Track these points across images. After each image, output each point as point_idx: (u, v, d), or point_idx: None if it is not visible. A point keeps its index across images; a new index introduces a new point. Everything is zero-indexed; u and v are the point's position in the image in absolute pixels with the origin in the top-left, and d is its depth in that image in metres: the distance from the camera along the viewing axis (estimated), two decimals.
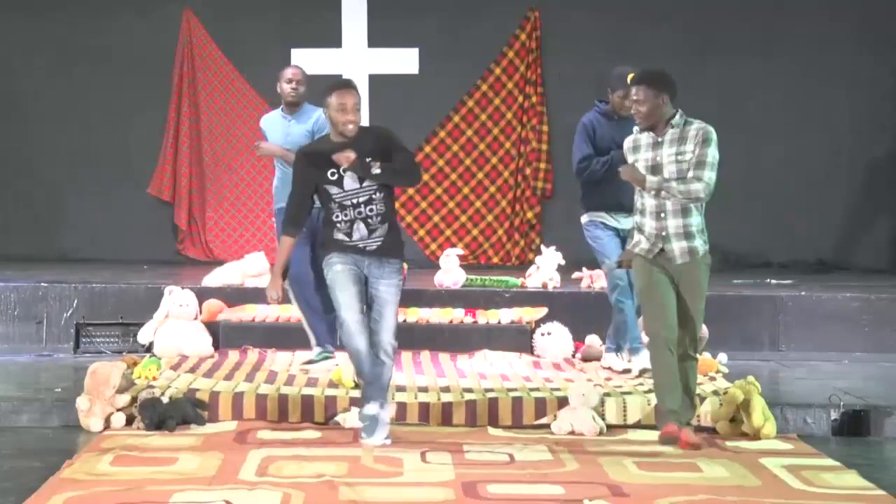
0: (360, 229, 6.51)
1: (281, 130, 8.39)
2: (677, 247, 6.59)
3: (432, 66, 12.34)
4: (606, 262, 8.05)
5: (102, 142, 12.45)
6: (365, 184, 6.48)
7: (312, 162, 6.56)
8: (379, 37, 12.38)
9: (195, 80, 12.54)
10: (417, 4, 12.37)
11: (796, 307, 9.35)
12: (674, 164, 6.57)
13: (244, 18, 12.54)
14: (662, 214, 6.61)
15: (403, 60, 12.38)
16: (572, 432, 6.88)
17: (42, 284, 9.39)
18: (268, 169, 12.59)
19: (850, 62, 12.33)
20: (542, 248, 10.02)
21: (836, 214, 12.38)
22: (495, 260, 12.54)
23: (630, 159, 6.71)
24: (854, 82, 12.38)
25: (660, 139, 6.61)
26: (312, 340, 8.31)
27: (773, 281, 10.61)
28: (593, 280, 9.60)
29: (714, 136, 6.56)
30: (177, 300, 8.89)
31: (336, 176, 6.48)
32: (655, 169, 6.59)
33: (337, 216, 6.51)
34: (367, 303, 6.56)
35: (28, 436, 6.86)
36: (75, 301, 9.27)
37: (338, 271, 6.51)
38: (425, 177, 12.54)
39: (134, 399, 7.04)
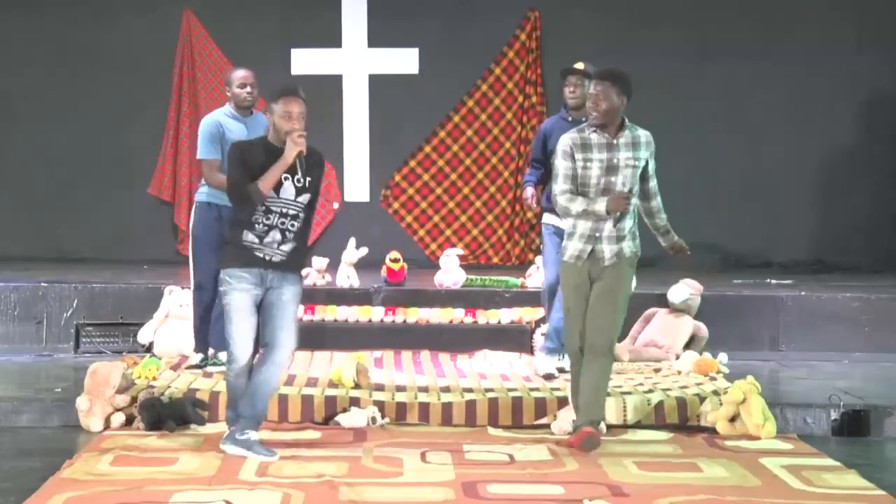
0: (274, 236, 6.37)
1: (242, 133, 7.94)
2: (608, 249, 6.57)
3: (432, 66, 12.33)
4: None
5: (102, 142, 12.44)
6: (300, 199, 6.38)
7: (253, 156, 6.38)
8: (379, 37, 12.38)
9: (195, 80, 12.53)
10: (417, 4, 12.36)
11: (796, 307, 9.35)
12: (630, 168, 6.56)
13: (244, 18, 12.53)
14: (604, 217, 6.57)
15: (403, 60, 12.38)
16: (572, 432, 6.87)
17: (42, 284, 9.39)
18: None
19: (850, 62, 12.32)
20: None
21: (836, 214, 12.37)
22: (495, 260, 12.54)
23: (578, 157, 6.56)
24: (854, 82, 12.38)
25: (615, 141, 6.56)
26: (196, 345, 8.11)
27: (773, 281, 10.61)
28: None
29: None
30: (177, 300, 8.89)
31: (285, 180, 6.35)
32: (611, 170, 6.54)
33: (257, 217, 6.35)
34: (263, 309, 6.39)
35: (28, 436, 6.86)
36: (75, 301, 9.26)
37: (236, 299, 6.34)
38: (425, 177, 12.56)
39: (134, 399, 7.04)
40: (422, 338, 8.97)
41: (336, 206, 12.39)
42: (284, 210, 6.38)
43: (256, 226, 6.37)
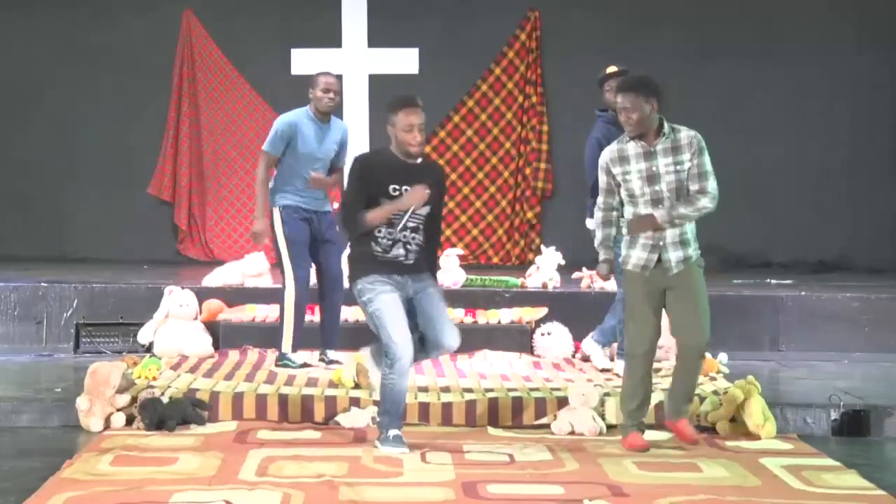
0: (398, 250, 6.43)
1: (317, 137, 8.16)
2: (674, 256, 6.49)
3: (432, 66, 12.33)
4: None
5: (102, 142, 12.45)
6: (420, 211, 6.42)
7: (373, 171, 6.42)
8: (379, 37, 12.38)
9: (195, 80, 12.54)
10: (417, 4, 12.37)
11: (796, 307, 9.35)
12: (672, 174, 6.42)
13: (244, 18, 12.54)
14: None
15: (403, 60, 12.37)
16: (572, 432, 6.88)
17: (42, 284, 9.39)
18: None
19: (850, 62, 12.33)
20: (542, 248, 10.03)
21: (836, 214, 12.38)
22: (495, 260, 12.54)
23: (616, 171, 6.49)
24: (854, 82, 12.39)
25: (652, 149, 6.44)
26: (290, 344, 8.21)
27: (773, 281, 10.61)
28: (593, 280, 9.59)
29: (704, 143, 6.50)
30: (177, 300, 8.89)
31: (397, 192, 6.37)
32: (652, 179, 6.42)
33: (381, 231, 6.39)
34: (418, 312, 6.47)
35: (28, 436, 6.86)
36: (75, 301, 9.26)
37: (385, 301, 6.34)
38: None
39: (134, 399, 7.04)
40: None
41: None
42: (406, 223, 6.40)
43: (381, 240, 6.41)
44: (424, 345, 6.48)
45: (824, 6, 12.38)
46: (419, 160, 6.50)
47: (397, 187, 6.39)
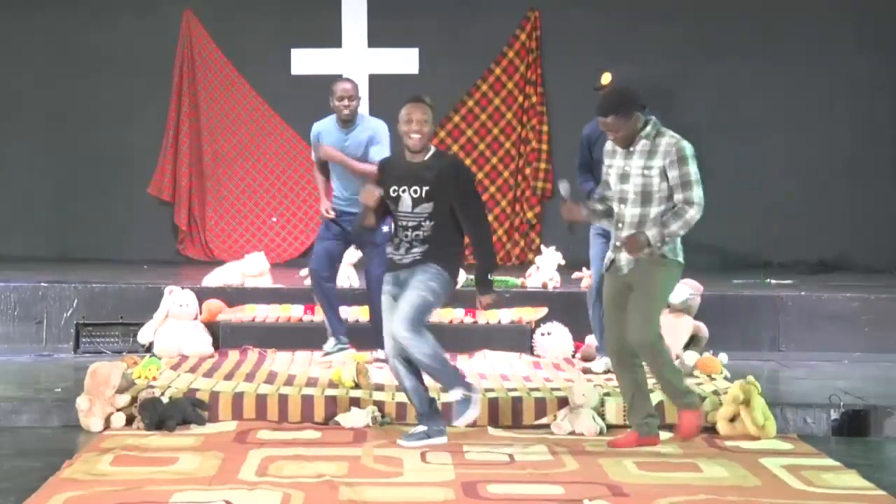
0: (401, 249, 6.58)
1: (338, 142, 8.40)
2: (624, 256, 6.52)
3: (432, 66, 12.33)
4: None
5: (102, 142, 12.44)
6: (417, 209, 6.52)
7: (382, 175, 6.70)
8: (379, 37, 12.38)
9: (195, 80, 12.54)
10: (417, 4, 12.37)
11: (796, 307, 9.35)
12: (640, 176, 6.45)
13: (244, 18, 12.54)
14: (620, 225, 6.54)
15: (403, 60, 12.38)
16: (572, 432, 6.88)
17: (42, 284, 9.39)
18: (268, 168, 12.62)
19: (850, 62, 12.33)
20: (542, 248, 10.02)
21: (836, 214, 12.38)
22: None
23: (606, 163, 6.62)
24: (854, 82, 12.38)
25: (631, 149, 6.51)
26: (329, 331, 8.51)
27: (773, 281, 10.61)
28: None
29: (690, 151, 6.48)
30: (177, 300, 8.89)
31: (395, 194, 6.55)
32: (623, 178, 6.50)
33: (395, 230, 6.66)
34: None
35: (28, 436, 6.86)
36: (75, 301, 9.26)
37: (383, 302, 6.65)
38: None
39: (134, 399, 7.04)
40: None
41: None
42: (405, 222, 6.56)
43: (394, 239, 6.65)
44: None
45: (824, 6, 12.37)
46: (427, 157, 6.57)
47: (396, 188, 6.54)
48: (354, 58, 12.40)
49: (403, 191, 6.53)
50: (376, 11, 12.38)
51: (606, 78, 8.12)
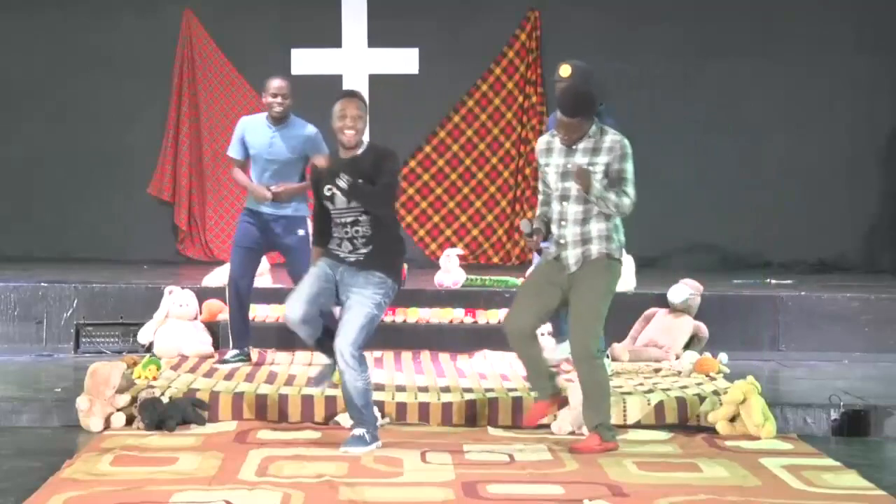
0: (345, 247, 6.50)
1: (265, 139, 8.28)
2: (572, 254, 6.53)
3: (432, 66, 12.33)
4: None
5: (102, 142, 12.45)
6: (352, 204, 6.44)
7: (316, 176, 6.62)
8: (379, 37, 12.38)
9: (195, 80, 12.54)
10: (417, 4, 12.37)
11: (796, 307, 9.35)
12: None
13: (244, 18, 12.54)
14: (563, 223, 6.54)
15: (403, 60, 12.38)
16: (572, 432, 6.88)
17: (42, 284, 9.39)
18: None
19: (850, 62, 12.33)
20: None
21: (836, 214, 12.38)
22: (495, 260, 12.55)
23: (542, 162, 6.60)
24: (854, 82, 12.38)
25: (574, 147, 6.51)
26: (233, 341, 8.36)
27: (773, 281, 10.61)
28: None
29: (630, 150, 6.52)
30: (177, 300, 8.89)
31: (330, 192, 6.47)
32: (565, 176, 6.50)
33: (334, 231, 6.54)
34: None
35: (28, 436, 6.86)
36: (75, 301, 9.26)
37: (314, 270, 6.56)
38: (425, 177, 12.57)
39: (134, 399, 7.04)
40: (422, 338, 8.97)
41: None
42: (343, 220, 6.47)
43: (333, 239, 6.55)
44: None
45: (824, 6, 12.37)
46: (360, 151, 6.49)
47: (330, 187, 6.45)
48: (354, 58, 12.41)
49: (330, 190, 6.45)
50: (376, 11, 12.38)
51: (566, 70, 8.07)
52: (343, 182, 6.35)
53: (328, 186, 6.47)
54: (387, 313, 9.13)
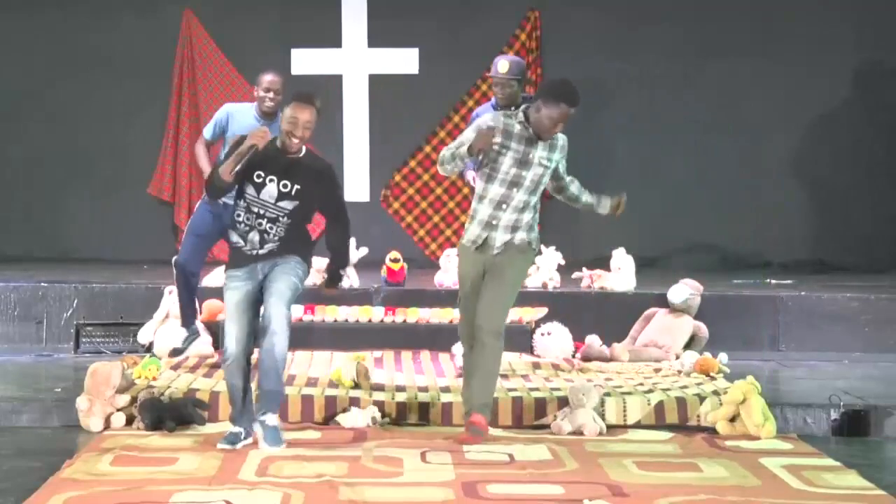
0: (253, 239, 6.43)
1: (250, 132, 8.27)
2: (500, 237, 6.63)
3: (432, 66, 12.33)
4: None
5: (102, 142, 12.44)
6: (281, 203, 6.40)
7: (249, 154, 6.37)
8: (379, 37, 12.38)
9: (195, 80, 12.53)
10: (417, 4, 12.36)
11: (796, 307, 9.35)
12: (540, 167, 6.63)
13: (244, 18, 12.53)
14: (504, 206, 6.62)
15: (403, 60, 12.38)
16: (572, 432, 6.88)
17: (42, 284, 9.39)
18: None
19: (850, 62, 12.33)
20: (542, 248, 10.02)
21: (836, 214, 12.38)
22: None
23: (501, 142, 6.56)
24: (854, 82, 12.38)
25: (541, 141, 6.62)
26: (180, 321, 8.48)
27: (773, 281, 10.62)
28: (593, 280, 9.61)
29: None
30: (177, 300, 8.87)
31: (260, 179, 6.40)
32: (523, 164, 6.58)
33: (240, 216, 6.43)
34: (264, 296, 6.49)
35: (28, 436, 6.86)
36: (75, 301, 9.26)
37: (229, 297, 6.45)
38: (425, 177, 12.56)
39: (134, 399, 7.04)
40: (422, 338, 8.98)
41: None
42: (262, 212, 6.41)
43: (239, 225, 6.46)
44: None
45: (824, 6, 12.36)
46: (301, 154, 6.48)
47: (263, 175, 6.38)
48: (354, 58, 12.41)
49: (271, 180, 6.38)
50: (376, 11, 12.37)
51: (504, 66, 8.22)
52: (342, 283, 6.64)
53: (259, 173, 6.37)
54: (386, 313, 9.20)
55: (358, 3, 12.42)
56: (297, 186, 6.42)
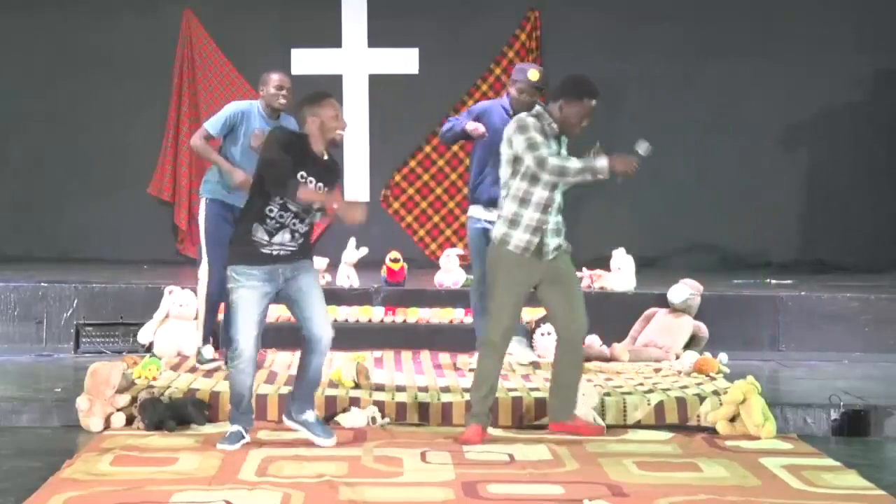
0: (283, 238, 6.41)
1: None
2: (552, 242, 6.62)
3: (432, 66, 12.34)
4: None
5: (102, 142, 12.45)
6: (317, 205, 6.38)
7: (290, 149, 6.30)
8: (379, 37, 12.39)
9: (195, 80, 12.54)
10: (417, 4, 12.37)
11: (796, 307, 9.35)
12: None
13: (244, 18, 12.54)
14: (549, 209, 6.59)
15: (403, 60, 12.39)
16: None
17: (42, 284, 9.39)
18: None
19: (850, 62, 12.33)
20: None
21: (836, 214, 12.38)
22: None
23: (539, 140, 6.50)
24: (854, 82, 12.38)
25: (562, 138, 6.69)
26: (202, 338, 8.25)
27: (773, 281, 10.62)
28: (593, 280, 9.61)
29: None
30: (177, 300, 8.89)
31: (303, 180, 6.33)
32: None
33: (272, 211, 6.34)
34: (288, 303, 6.51)
35: (28, 436, 6.86)
36: (75, 301, 9.26)
37: (243, 296, 6.38)
38: (425, 177, 12.56)
39: (134, 399, 7.04)
40: (422, 338, 8.98)
41: None
42: (296, 209, 6.40)
43: (269, 221, 6.37)
44: (307, 344, 6.47)
45: (824, 6, 12.37)
46: (326, 158, 6.49)
47: (305, 175, 6.35)
48: (354, 58, 12.42)
49: (311, 181, 6.36)
50: (376, 11, 12.38)
51: (535, 75, 8.19)
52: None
53: (303, 173, 6.30)
54: (386, 313, 9.21)
55: (358, 3, 12.43)
56: (326, 189, 6.43)
